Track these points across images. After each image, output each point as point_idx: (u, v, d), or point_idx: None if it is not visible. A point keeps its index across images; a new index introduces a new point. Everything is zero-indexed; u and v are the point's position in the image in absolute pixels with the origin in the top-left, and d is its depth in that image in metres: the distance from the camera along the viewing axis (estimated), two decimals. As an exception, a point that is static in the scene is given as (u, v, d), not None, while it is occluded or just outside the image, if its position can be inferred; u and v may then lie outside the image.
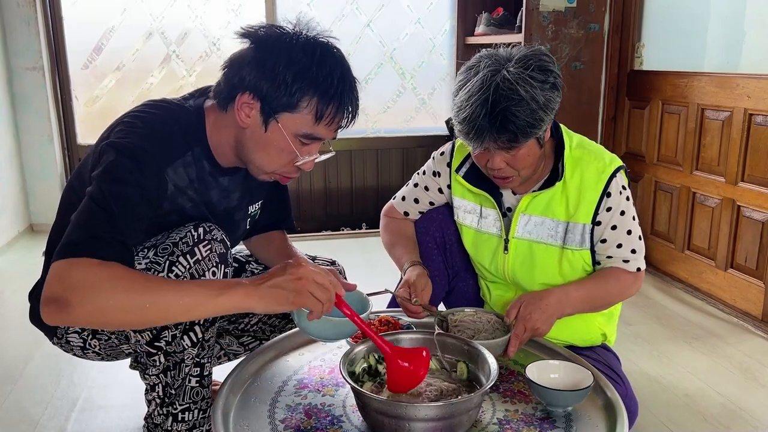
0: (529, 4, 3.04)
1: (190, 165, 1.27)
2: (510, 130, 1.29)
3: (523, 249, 1.51)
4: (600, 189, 1.44)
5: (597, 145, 1.52)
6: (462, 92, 1.33)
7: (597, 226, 1.46)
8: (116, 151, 1.16)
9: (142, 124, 1.21)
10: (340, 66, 1.21)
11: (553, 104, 1.33)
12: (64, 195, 1.39)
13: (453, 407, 1.05)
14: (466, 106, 1.30)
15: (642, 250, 1.49)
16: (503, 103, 1.27)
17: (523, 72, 1.29)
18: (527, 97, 1.28)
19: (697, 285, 2.80)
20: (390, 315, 1.48)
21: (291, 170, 1.28)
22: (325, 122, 1.21)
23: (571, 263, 1.48)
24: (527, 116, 1.28)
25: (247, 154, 1.26)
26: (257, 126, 1.21)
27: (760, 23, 2.57)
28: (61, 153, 3.68)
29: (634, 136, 3.17)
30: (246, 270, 1.62)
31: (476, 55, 1.37)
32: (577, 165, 1.46)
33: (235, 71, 1.21)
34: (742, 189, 2.53)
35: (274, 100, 1.18)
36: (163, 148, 1.21)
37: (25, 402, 1.90)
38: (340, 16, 3.86)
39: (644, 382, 2.03)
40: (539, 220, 1.49)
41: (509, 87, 1.28)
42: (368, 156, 4.05)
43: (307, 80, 1.17)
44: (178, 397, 1.29)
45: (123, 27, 3.65)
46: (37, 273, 1.44)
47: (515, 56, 1.33)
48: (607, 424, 1.14)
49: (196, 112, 1.29)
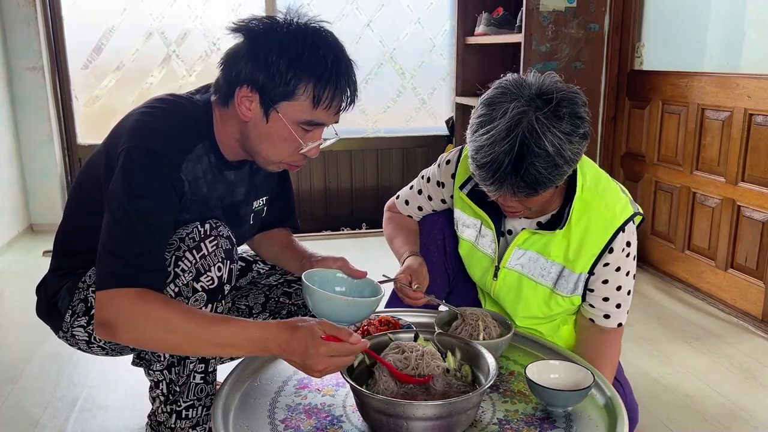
0: (529, 4, 3.04)
1: (200, 158, 1.28)
2: (531, 184, 1.20)
3: (512, 280, 1.47)
4: (603, 243, 1.36)
5: (613, 186, 1.41)
6: (484, 134, 1.20)
7: (591, 275, 1.40)
8: (129, 160, 1.18)
9: (154, 122, 1.23)
10: (333, 49, 1.21)
11: (578, 156, 1.24)
12: (74, 193, 1.40)
13: (451, 406, 1.05)
14: (489, 153, 1.19)
15: (627, 304, 1.42)
16: (529, 158, 1.17)
17: (553, 124, 1.18)
18: (554, 153, 1.17)
19: (697, 285, 2.80)
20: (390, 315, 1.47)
21: (297, 158, 1.28)
22: (323, 107, 1.21)
23: (559, 304, 1.44)
24: (551, 172, 1.19)
25: (252, 147, 1.27)
26: (259, 118, 1.22)
27: (760, 23, 2.57)
28: (61, 153, 3.68)
29: (634, 136, 3.17)
30: (252, 270, 1.62)
31: (500, 85, 1.25)
32: (585, 212, 1.36)
33: (231, 66, 1.21)
34: (743, 189, 2.53)
35: (272, 90, 1.18)
36: (175, 146, 1.22)
37: (25, 402, 1.90)
38: (340, 16, 3.86)
39: (644, 383, 2.03)
40: (534, 256, 1.43)
41: (537, 140, 1.17)
42: (368, 156, 4.05)
43: (301, 66, 1.17)
44: (183, 394, 1.30)
45: (123, 27, 3.65)
46: (37, 272, 1.44)
47: (546, 94, 1.20)
48: (607, 424, 1.14)
49: (204, 107, 1.30)
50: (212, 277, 1.24)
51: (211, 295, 1.24)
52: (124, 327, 1.12)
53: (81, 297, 1.35)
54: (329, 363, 1.08)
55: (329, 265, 1.37)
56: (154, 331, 1.12)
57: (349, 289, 1.34)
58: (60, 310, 1.37)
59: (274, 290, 1.63)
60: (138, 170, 1.18)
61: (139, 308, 1.12)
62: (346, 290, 1.34)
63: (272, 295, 1.63)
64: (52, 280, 1.41)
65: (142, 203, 1.16)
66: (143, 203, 1.16)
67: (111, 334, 1.13)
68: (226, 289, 1.27)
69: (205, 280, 1.23)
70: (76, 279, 1.37)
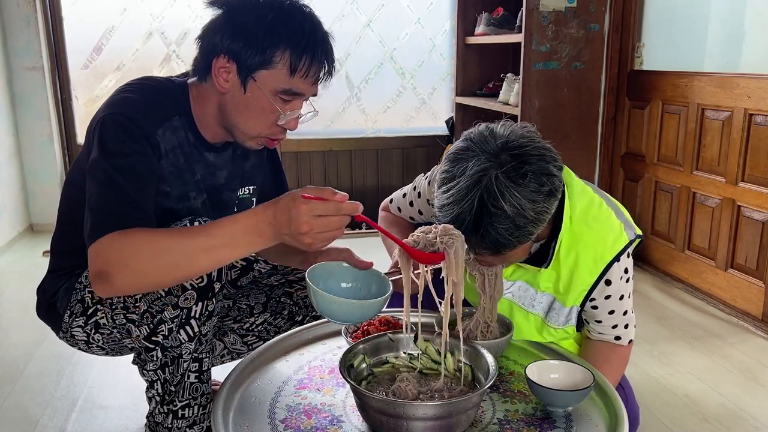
0: (529, 4, 3.04)
1: (177, 130, 1.28)
2: (492, 246, 1.15)
3: (503, 308, 1.43)
4: (592, 280, 1.32)
5: (605, 213, 1.33)
6: (446, 191, 1.15)
7: (591, 308, 1.37)
8: (105, 126, 1.19)
9: (127, 94, 1.24)
10: (309, 19, 1.23)
11: (546, 214, 1.15)
12: (65, 190, 1.41)
13: (451, 406, 1.05)
14: (450, 212, 1.14)
15: (633, 321, 1.42)
16: (487, 218, 1.11)
17: (515, 182, 1.10)
18: (513, 214, 1.11)
19: (697, 285, 2.80)
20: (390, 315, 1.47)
21: (276, 131, 1.28)
22: (300, 75, 1.21)
23: (552, 335, 1.43)
24: (512, 233, 1.13)
25: (230, 120, 1.27)
26: (236, 88, 1.23)
27: (760, 23, 2.57)
28: (61, 153, 3.68)
29: (634, 136, 3.17)
30: (253, 269, 1.62)
31: (467, 137, 1.19)
32: (573, 245, 1.30)
33: (208, 39, 1.23)
34: (743, 189, 2.53)
35: (249, 58, 1.19)
36: (150, 112, 1.24)
37: (25, 402, 1.90)
38: (340, 16, 3.86)
39: (644, 383, 2.03)
40: (524, 286, 1.40)
41: (494, 201, 1.10)
42: (368, 156, 4.05)
43: (278, 34, 1.18)
44: (178, 393, 1.29)
45: (123, 27, 3.65)
46: (37, 272, 1.44)
47: (512, 149, 1.13)
48: (607, 425, 1.14)
49: (180, 86, 1.31)
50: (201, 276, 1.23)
51: (201, 293, 1.23)
52: (116, 269, 1.07)
53: (78, 297, 1.35)
54: (315, 223, 1.02)
55: (333, 256, 1.32)
56: (147, 260, 1.08)
57: (356, 283, 1.30)
58: (59, 310, 1.37)
59: (276, 290, 1.63)
60: (113, 132, 1.18)
61: (127, 244, 1.08)
62: (352, 284, 1.29)
63: (273, 295, 1.63)
64: (50, 281, 1.41)
65: (121, 160, 1.16)
66: (122, 160, 1.16)
67: (107, 283, 1.09)
68: (216, 287, 1.26)
69: (194, 278, 1.22)
70: (73, 280, 1.37)
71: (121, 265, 1.08)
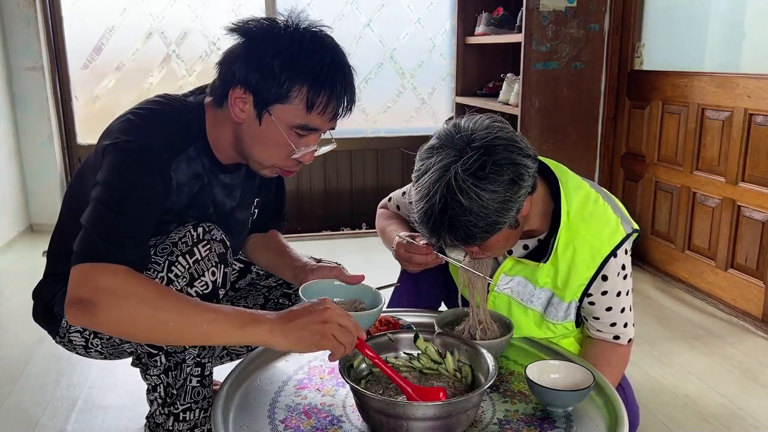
0: (529, 4, 3.04)
1: (194, 160, 1.26)
2: (462, 238, 1.16)
3: (502, 304, 1.44)
4: (590, 275, 1.33)
5: (602, 208, 1.34)
6: (417, 188, 1.18)
7: (589, 304, 1.38)
8: (118, 151, 1.16)
9: (143, 122, 1.21)
10: (330, 53, 1.19)
11: (511, 203, 1.15)
12: (66, 199, 1.39)
13: (451, 406, 1.05)
14: (420, 208, 1.17)
15: (632, 319, 1.42)
16: (449, 211, 1.12)
17: (472, 177, 1.11)
18: (473, 207, 1.11)
19: (697, 285, 2.80)
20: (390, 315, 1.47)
21: (291, 164, 1.26)
22: (317, 111, 1.18)
23: (551, 330, 1.43)
24: (476, 225, 1.13)
25: (245, 150, 1.26)
26: (252, 120, 1.20)
27: (760, 23, 2.57)
28: (61, 153, 3.68)
29: (635, 136, 3.17)
30: (251, 271, 1.62)
31: (437, 134, 1.21)
32: (570, 241, 1.32)
33: (227, 67, 1.20)
34: (743, 189, 2.53)
35: (265, 91, 1.17)
36: (165, 144, 1.21)
37: (25, 402, 1.90)
38: (340, 16, 3.86)
39: (644, 382, 2.03)
40: (523, 281, 1.41)
41: (453, 197, 1.11)
42: (368, 156, 4.05)
43: (296, 69, 1.15)
44: (180, 397, 1.29)
45: (123, 27, 3.65)
46: (37, 272, 1.44)
47: (474, 141, 1.14)
48: (607, 425, 1.14)
49: (196, 109, 1.28)
50: (206, 282, 1.22)
51: (206, 300, 1.22)
52: (104, 305, 1.02)
53: None
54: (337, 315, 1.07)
55: (325, 275, 1.34)
56: (140, 309, 1.03)
57: (348, 299, 1.34)
58: (56, 315, 1.36)
59: (274, 291, 1.63)
60: (127, 159, 1.15)
61: (128, 284, 1.04)
62: (345, 300, 1.33)
63: (271, 297, 1.63)
64: (47, 286, 1.39)
65: (131, 189, 1.13)
66: (131, 189, 1.13)
67: (88, 314, 1.02)
68: (221, 294, 1.26)
69: (199, 285, 1.21)
70: None
71: (114, 301, 1.03)
